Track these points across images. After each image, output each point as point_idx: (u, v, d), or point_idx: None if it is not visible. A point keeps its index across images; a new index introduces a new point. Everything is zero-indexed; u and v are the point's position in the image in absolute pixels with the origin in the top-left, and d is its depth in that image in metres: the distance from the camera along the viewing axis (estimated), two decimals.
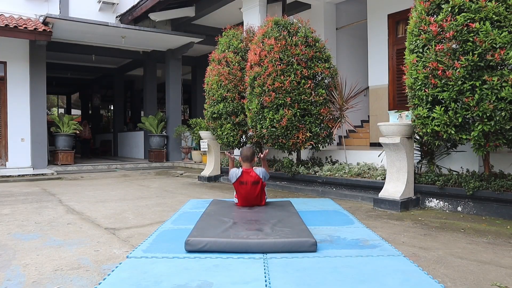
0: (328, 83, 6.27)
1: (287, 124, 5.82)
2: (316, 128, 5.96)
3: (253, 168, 4.33)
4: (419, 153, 5.09)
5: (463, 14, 3.85)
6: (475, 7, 3.78)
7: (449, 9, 3.97)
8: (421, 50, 4.25)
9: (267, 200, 4.56)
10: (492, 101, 3.72)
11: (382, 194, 4.76)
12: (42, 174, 8.89)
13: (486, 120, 3.83)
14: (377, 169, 5.54)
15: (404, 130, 4.64)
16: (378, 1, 7.98)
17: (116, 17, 11.54)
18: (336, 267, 2.56)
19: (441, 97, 4.05)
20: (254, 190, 4.24)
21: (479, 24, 3.75)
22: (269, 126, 5.97)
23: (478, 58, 3.75)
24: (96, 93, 18.67)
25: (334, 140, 6.62)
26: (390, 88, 7.81)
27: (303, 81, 5.83)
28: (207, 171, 8.05)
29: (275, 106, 5.89)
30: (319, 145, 6.20)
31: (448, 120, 4.00)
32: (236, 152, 8.40)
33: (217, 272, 2.48)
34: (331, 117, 6.18)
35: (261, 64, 6.01)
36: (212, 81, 7.37)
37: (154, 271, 2.50)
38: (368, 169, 5.62)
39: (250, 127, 6.62)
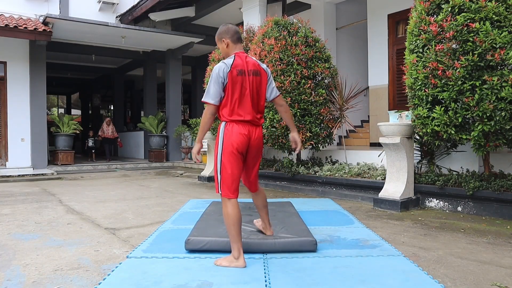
0: (328, 83, 6.27)
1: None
2: (316, 128, 5.97)
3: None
4: (419, 153, 5.09)
5: (463, 14, 3.85)
6: (475, 7, 3.78)
7: (449, 9, 3.97)
8: (421, 50, 4.25)
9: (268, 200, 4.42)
10: (492, 101, 3.72)
11: (382, 194, 4.76)
12: (42, 174, 8.89)
13: (486, 120, 3.83)
14: (377, 169, 5.54)
15: (404, 130, 4.64)
16: (378, 1, 7.98)
17: (116, 17, 11.54)
18: (336, 267, 2.56)
19: (441, 97, 4.05)
20: (257, 85, 2.75)
21: (479, 24, 3.75)
22: (269, 126, 5.97)
23: (478, 58, 3.75)
24: (96, 93, 18.67)
25: (334, 140, 6.62)
26: (390, 88, 7.81)
27: (303, 81, 5.83)
28: (207, 171, 8.05)
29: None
30: (319, 145, 6.20)
31: (448, 120, 4.00)
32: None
33: (217, 272, 2.48)
34: (331, 117, 6.18)
35: None
36: None
37: (154, 271, 2.50)
38: (368, 169, 5.61)
39: None
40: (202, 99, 2.72)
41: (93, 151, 12.48)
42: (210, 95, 2.65)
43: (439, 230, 3.65)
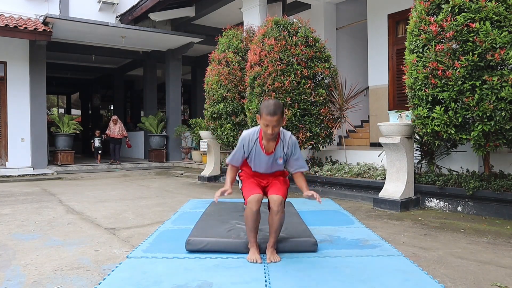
0: (328, 83, 6.27)
1: (287, 124, 5.81)
2: (316, 128, 5.96)
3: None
4: (419, 153, 5.09)
5: (463, 14, 3.85)
6: (475, 7, 3.78)
7: (449, 9, 3.97)
8: (421, 50, 4.24)
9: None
10: (492, 101, 3.72)
11: (382, 194, 4.76)
12: (42, 174, 8.89)
13: (486, 120, 3.83)
14: (377, 169, 5.54)
15: (404, 130, 4.64)
16: (378, 1, 7.98)
17: (116, 17, 11.54)
18: (336, 267, 2.56)
19: (441, 97, 4.05)
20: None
21: (479, 24, 3.75)
22: None
23: (478, 58, 3.75)
24: (96, 93, 18.67)
25: (334, 140, 6.62)
26: (390, 88, 7.81)
27: (303, 81, 5.83)
28: (207, 171, 8.05)
29: None
30: (319, 145, 6.20)
31: (448, 120, 4.00)
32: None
33: (217, 272, 2.48)
34: (331, 117, 6.18)
35: (261, 64, 6.01)
36: (212, 81, 7.36)
37: (154, 271, 2.50)
38: (368, 169, 5.61)
39: (250, 127, 6.62)
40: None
41: (99, 152, 11.51)
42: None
43: (439, 230, 3.65)
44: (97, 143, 11.58)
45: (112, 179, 8.66)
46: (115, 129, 11.67)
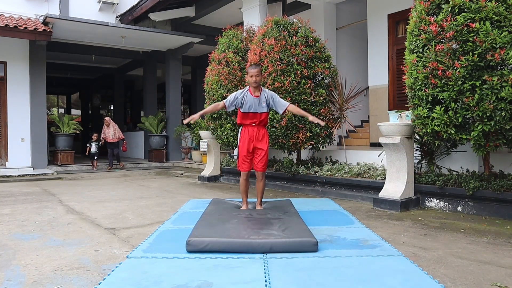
0: (328, 83, 6.27)
1: (287, 124, 5.82)
2: (316, 128, 5.96)
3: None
4: (419, 153, 5.09)
5: (463, 14, 3.85)
6: (475, 7, 3.78)
7: (449, 9, 3.97)
8: (421, 50, 4.24)
9: (267, 200, 4.55)
10: (492, 101, 3.72)
11: (382, 194, 4.76)
12: (42, 174, 8.89)
13: (486, 120, 3.83)
14: (377, 169, 5.53)
15: (404, 130, 4.64)
16: (378, 1, 7.98)
17: (116, 17, 11.55)
18: (336, 267, 2.56)
19: (441, 97, 4.05)
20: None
21: (479, 24, 3.75)
22: (269, 126, 5.97)
23: (478, 58, 3.75)
24: (96, 93, 18.66)
25: (334, 140, 6.62)
26: (390, 88, 7.81)
27: (303, 81, 5.83)
28: (207, 171, 8.05)
29: None
30: (319, 145, 6.20)
31: (448, 120, 4.00)
32: (236, 152, 8.40)
33: (217, 272, 2.48)
34: (331, 117, 6.18)
35: (261, 64, 6.01)
36: (212, 81, 7.36)
37: (154, 271, 2.50)
38: (368, 169, 5.61)
39: None
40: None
41: (95, 157, 10.60)
42: None
43: (439, 230, 3.65)
44: (93, 148, 10.65)
45: (112, 179, 8.65)
46: (109, 132, 10.68)
